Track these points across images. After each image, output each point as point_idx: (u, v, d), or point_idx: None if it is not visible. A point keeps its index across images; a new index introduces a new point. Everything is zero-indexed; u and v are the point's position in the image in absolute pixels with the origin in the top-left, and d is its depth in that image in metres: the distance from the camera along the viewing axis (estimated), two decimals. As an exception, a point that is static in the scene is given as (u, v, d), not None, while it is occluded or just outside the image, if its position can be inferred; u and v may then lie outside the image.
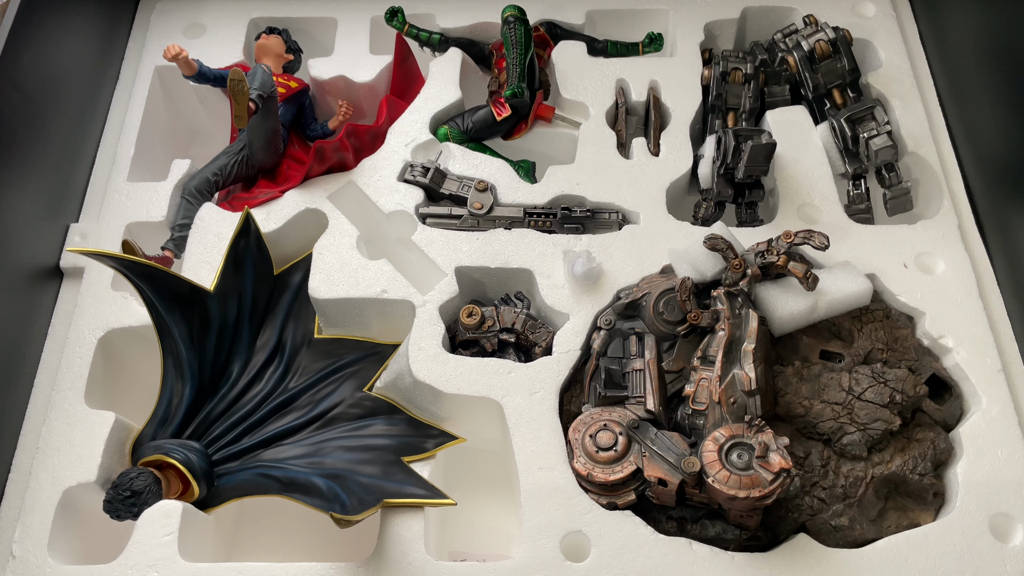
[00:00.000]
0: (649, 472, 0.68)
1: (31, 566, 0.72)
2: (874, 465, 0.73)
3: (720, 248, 0.77)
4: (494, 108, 0.96)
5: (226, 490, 0.77)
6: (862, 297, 0.81)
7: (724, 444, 0.67)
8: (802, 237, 0.78)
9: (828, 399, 0.75)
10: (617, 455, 0.69)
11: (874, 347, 0.80)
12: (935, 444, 0.75)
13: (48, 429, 0.78)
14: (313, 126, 1.01)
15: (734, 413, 0.71)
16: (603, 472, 0.69)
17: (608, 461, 0.69)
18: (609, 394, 0.74)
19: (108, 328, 0.84)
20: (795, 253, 0.80)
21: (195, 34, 1.06)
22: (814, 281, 0.77)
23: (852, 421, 0.74)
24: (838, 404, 0.74)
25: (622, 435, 0.69)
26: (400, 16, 1.00)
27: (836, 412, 0.74)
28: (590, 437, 0.70)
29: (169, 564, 0.71)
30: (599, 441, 0.69)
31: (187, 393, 0.79)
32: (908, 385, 0.75)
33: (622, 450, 0.69)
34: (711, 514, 0.71)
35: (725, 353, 0.73)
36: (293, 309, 0.87)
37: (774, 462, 0.65)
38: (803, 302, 0.78)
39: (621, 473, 0.68)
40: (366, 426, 0.80)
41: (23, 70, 0.86)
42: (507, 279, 0.87)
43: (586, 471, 0.69)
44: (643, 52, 1.03)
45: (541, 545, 0.71)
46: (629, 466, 0.68)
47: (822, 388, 0.76)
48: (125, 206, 0.92)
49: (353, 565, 0.71)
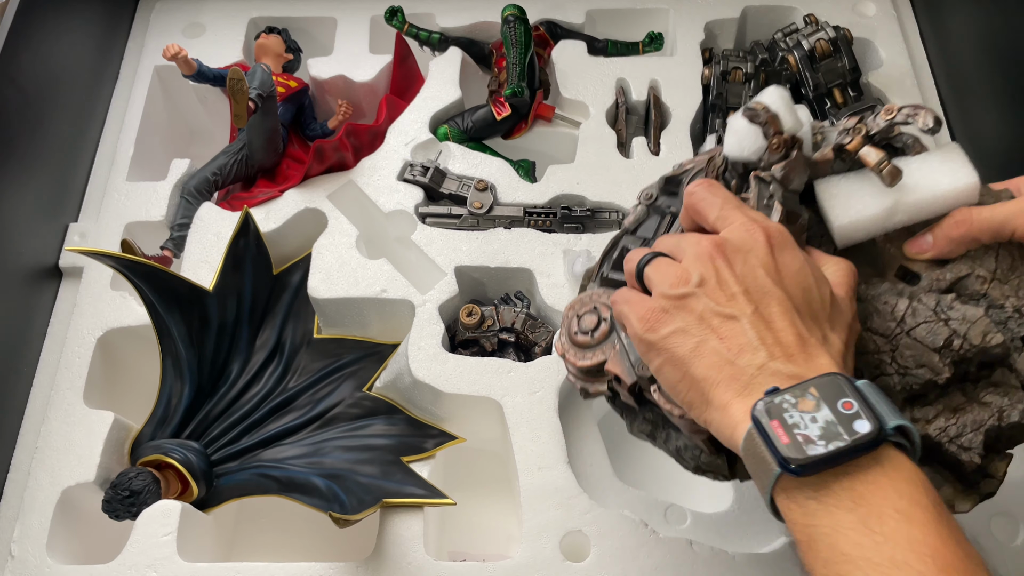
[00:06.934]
0: (609, 366, 0.58)
1: (30, 566, 0.72)
2: (910, 421, 0.54)
3: (760, 121, 0.59)
4: (494, 107, 0.96)
5: (225, 490, 0.77)
6: (963, 196, 0.58)
7: None
8: (905, 115, 0.59)
9: (873, 327, 0.57)
10: (591, 341, 0.60)
11: (974, 272, 0.57)
12: (1002, 415, 0.55)
13: (47, 429, 0.78)
14: (313, 125, 1.01)
15: None
16: (574, 356, 0.60)
17: (583, 345, 0.60)
18: (611, 276, 0.64)
19: (107, 328, 0.83)
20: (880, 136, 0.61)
21: (194, 33, 1.06)
22: (892, 175, 0.57)
23: (892, 360, 0.56)
24: (882, 336, 0.56)
25: (604, 323, 0.60)
26: (400, 15, 1.00)
27: (876, 345, 0.56)
28: (577, 317, 0.61)
29: (168, 564, 0.71)
30: (582, 323, 0.61)
31: (186, 393, 0.79)
32: (975, 331, 0.54)
33: (599, 337, 0.60)
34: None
35: None
36: (292, 309, 0.87)
37: None
38: (877, 203, 0.58)
39: (588, 361, 0.59)
40: (365, 426, 0.80)
41: (22, 69, 0.86)
42: (507, 278, 0.86)
43: (561, 350, 0.61)
44: (643, 51, 1.03)
45: (541, 545, 0.71)
46: (598, 355, 0.59)
47: (871, 312, 0.57)
48: (124, 205, 0.92)
49: (352, 565, 0.71)
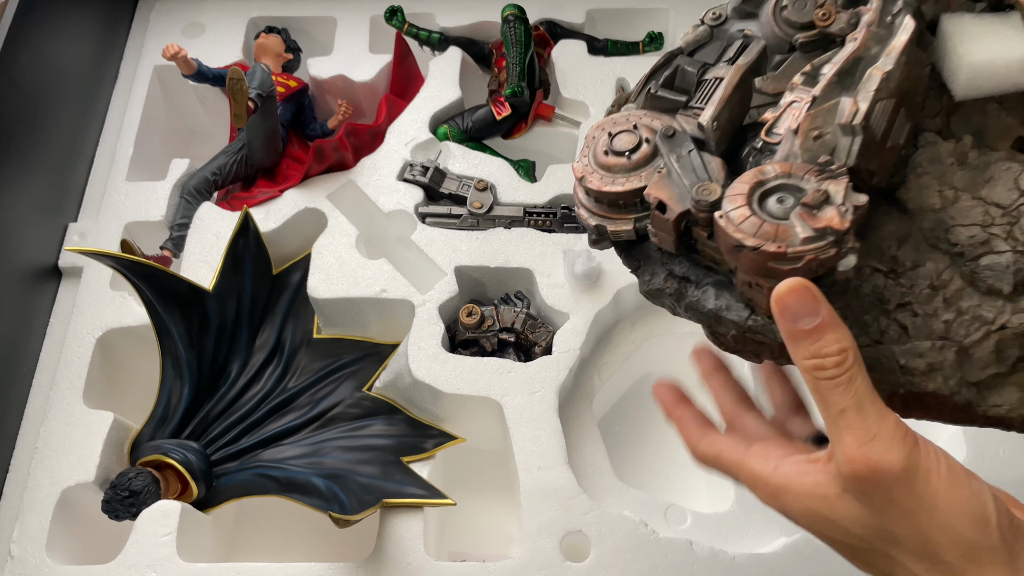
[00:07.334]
0: (652, 190, 0.48)
1: (29, 566, 0.72)
2: (1015, 312, 0.48)
3: None
4: (494, 107, 0.96)
5: (225, 490, 0.77)
6: None
7: (768, 180, 0.44)
8: None
9: (986, 197, 0.48)
10: (628, 164, 0.49)
11: None
12: None
13: (46, 429, 0.78)
14: (312, 125, 1.00)
15: (810, 151, 0.45)
16: (601, 179, 0.50)
17: (614, 168, 0.50)
18: (663, 94, 0.52)
19: (107, 328, 0.83)
20: None
21: (194, 33, 1.06)
22: None
23: (1009, 236, 0.47)
24: (999, 206, 0.47)
25: (646, 143, 0.50)
26: (400, 15, 1.00)
27: (989, 217, 0.47)
28: (608, 135, 0.51)
29: (168, 564, 0.71)
30: (616, 143, 0.50)
31: (186, 393, 0.79)
32: None
33: (638, 160, 0.49)
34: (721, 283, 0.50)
35: (841, 72, 0.47)
36: (292, 309, 0.86)
37: (825, 217, 0.42)
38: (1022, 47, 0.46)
39: (621, 186, 0.49)
40: (365, 426, 0.80)
41: (22, 69, 0.86)
42: (507, 278, 0.86)
43: (581, 172, 0.51)
44: (643, 51, 1.03)
45: (541, 545, 0.71)
46: (635, 180, 0.49)
47: (985, 181, 0.48)
48: (124, 205, 0.92)
49: (352, 565, 0.71)
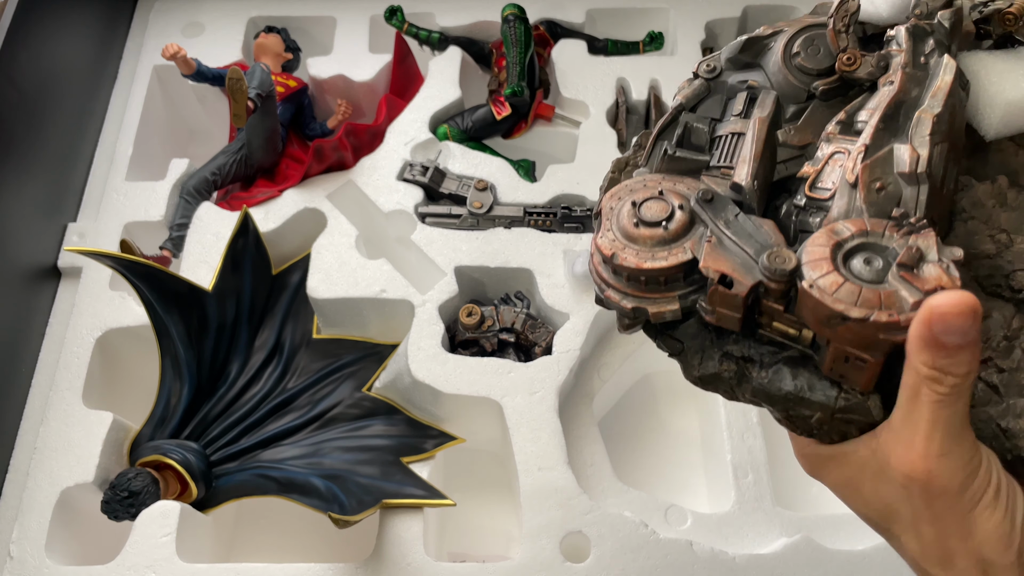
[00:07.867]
0: (709, 263, 0.41)
1: (29, 567, 0.72)
2: None
3: None
4: (494, 107, 0.95)
5: (224, 491, 0.76)
6: None
7: (846, 241, 0.39)
8: None
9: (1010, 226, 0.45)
10: (666, 235, 0.42)
11: None
12: None
13: (46, 429, 0.78)
14: (312, 125, 1.00)
15: (876, 205, 0.40)
16: (637, 255, 0.42)
17: (651, 241, 0.42)
18: (682, 154, 0.46)
19: (106, 328, 0.83)
20: None
21: (194, 33, 1.06)
22: None
23: None
24: None
25: (682, 210, 0.43)
26: (399, 15, 0.99)
27: None
28: (632, 205, 0.43)
29: (167, 565, 0.71)
30: (645, 212, 0.43)
31: (185, 393, 0.79)
32: None
33: (676, 230, 0.42)
34: (795, 360, 0.42)
35: (886, 117, 0.43)
36: (291, 309, 0.86)
37: (929, 276, 0.37)
38: None
39: (664, 261, 0.42)
40: (365, 426, 0.80)
41: (21, 69, 0.85)
42: (507, 279, 0.86)
43: (611, 250, 0.42)
44: (644, 51, 1.03)
45: (541, 546, 0.71)
46: (681, 253, 0.42)
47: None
48: (123, 205, 0.91)
49: (352, 566, 0.71)
